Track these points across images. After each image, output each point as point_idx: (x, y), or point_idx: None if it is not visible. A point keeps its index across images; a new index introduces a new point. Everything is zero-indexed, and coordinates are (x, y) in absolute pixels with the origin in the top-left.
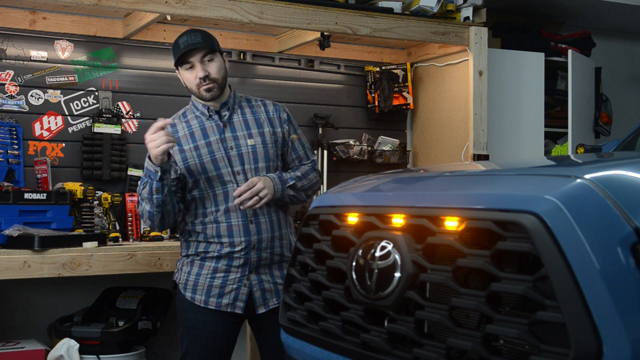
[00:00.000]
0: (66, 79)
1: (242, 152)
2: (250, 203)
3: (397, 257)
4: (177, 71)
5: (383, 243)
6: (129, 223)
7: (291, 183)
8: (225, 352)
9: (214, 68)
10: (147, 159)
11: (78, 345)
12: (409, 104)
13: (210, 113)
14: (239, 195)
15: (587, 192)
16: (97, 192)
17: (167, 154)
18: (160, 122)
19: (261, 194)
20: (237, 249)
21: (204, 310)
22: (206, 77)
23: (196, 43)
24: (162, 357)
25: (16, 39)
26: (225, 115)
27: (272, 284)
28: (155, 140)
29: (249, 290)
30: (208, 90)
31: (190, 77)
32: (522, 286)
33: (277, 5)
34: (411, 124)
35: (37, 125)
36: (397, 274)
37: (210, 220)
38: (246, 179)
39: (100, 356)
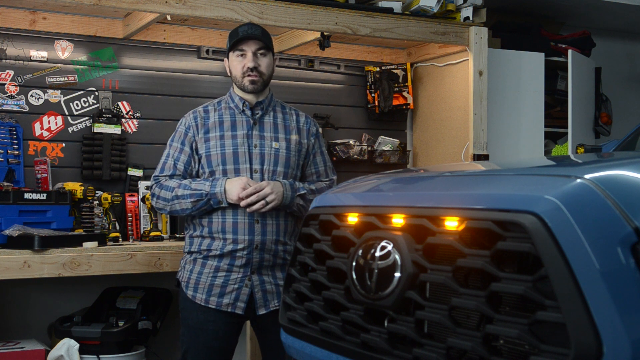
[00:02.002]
0: (66, 79)
1: (265, 152)
2: (256, 207)
3: (397, 257)
4: (225, 60)
5: (383, 243)
6: (129, 223)
7: (302, 192)
8: (226, 352)
9: (264, 63)
10: (222, 186)
11: (78, 345)
12: (409, 104)
13: (244, 108)
14: (246, 197)
15: (587, 192)
16: (97, 192)
17: None
18: (255, 191)
19: (268, 199)
20: (240, 246)
21: (204, 309)
22: (255, 69)
23: (255, 34)
24: (162, 357)
25: (16, 39)
26: (257, 114)
27: (273, 286)
28: (245, 191)
29: (250, 291)
30: (252, 82)
31: (238, 65)
32: (522, 286)
33: (277, 5)
34: (411, 124)
35: (37, 125)
36: (397, 274)
37: (217, 214)
38: (262, 179)
39: (100, 356)
